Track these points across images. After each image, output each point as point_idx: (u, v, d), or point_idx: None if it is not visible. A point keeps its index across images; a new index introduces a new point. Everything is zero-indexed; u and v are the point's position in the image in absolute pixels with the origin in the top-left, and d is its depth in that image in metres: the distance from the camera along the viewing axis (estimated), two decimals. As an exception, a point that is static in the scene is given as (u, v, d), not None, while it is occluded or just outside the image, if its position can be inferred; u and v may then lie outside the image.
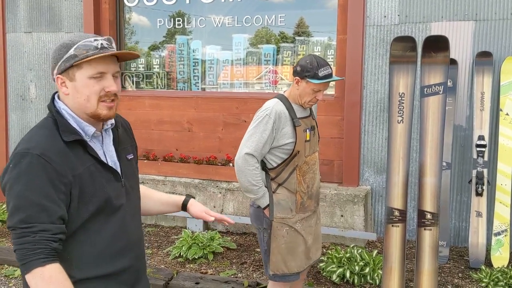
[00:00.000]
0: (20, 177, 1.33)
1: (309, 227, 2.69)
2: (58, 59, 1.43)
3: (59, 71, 1.43)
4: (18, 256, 1.34)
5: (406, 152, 3.30)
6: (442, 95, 3.25)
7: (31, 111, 5.73)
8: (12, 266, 4.00)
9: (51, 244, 1.33)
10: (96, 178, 1.44)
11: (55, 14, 5.51)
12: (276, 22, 5.00)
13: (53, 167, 1.35)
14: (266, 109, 2.57)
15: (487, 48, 4.10)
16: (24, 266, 1.33)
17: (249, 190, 2.55)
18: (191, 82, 5.43)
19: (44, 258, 1.32)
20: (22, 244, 1.32)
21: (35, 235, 1.31)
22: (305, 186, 2.62)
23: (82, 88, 1.42)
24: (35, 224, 1.32)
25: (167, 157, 5.21)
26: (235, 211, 4.74)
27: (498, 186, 3.96)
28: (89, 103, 1.43)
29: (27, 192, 1.32)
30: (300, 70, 2.57)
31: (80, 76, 1.41)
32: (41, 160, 1.34)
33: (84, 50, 1.40)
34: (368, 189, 4.49)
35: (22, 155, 1.35)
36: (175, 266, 3.96)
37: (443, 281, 3.64)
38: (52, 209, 1.34)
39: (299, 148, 2.56)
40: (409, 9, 4.28)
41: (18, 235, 1.33)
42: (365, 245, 4.29)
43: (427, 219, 3.21)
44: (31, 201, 1.32)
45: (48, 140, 1.39)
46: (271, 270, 2.62)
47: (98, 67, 1.41)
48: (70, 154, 1.40)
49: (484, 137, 3.96)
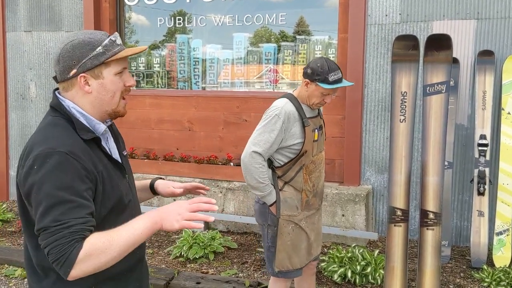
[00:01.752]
0: (49, 177, 1.30)
1: (312, 224, 2.74)
2: (82, 57, 1.41)
3: (83, 70, 1.41)
4: (53, 258, 1.26)
5: (408, 151, 3.29)
6: (444, 94, 3.23)
7: (31, 110, 5.71)
8: (12, 266, 3.99)
9: (85, 233, 1.29)
10: (112, 176, 1.46)
11: (55, 13, 5.49)
12: (277, 21, 4.98)
13: (81, 164, 1.34)
14: (276, 109, 2.55)
15: (489, 47, 4.08)
16: (64, 266, 1.25)
17: (255, 188, 2.55)
18: (192, 81, 5.41)
19: (79, 243, 1.27)
20: (57, 240, 1.26)
21: (69, 228, 1.27)
22: (311, 185, 2.64)
23: (110, 85, 1.45)
24: (69, 220, 1.28)
25: (168, 156, 5.19)
26: (235, 211, 4.73)
27: (500, 185, 3.95)
28: (113, 100, 1.47)
29: (58, 190, 1.29)
30: (311, 73, 2.56)
31: (107, 73, 1.44)
32: (69, 158, 1.33)
33: (111, 47, 1.43)
34: (369, 188, 4.47)
35: (47, 155, 1.32)
36: (176, 265, 3.94)
37: (445, 281, 3.63)
38: (84, 205, 1.31)
39: (307, 148, 2.57)
40: (410, 8, 4.26)
41: (50, 233, 1.27)
42: (366, 245, 4.28)
43: (429, 219, 3.20)
44: (63, 199, 1.29)
45: (70, 138, 1.38)
46: (276, 267, 2.65)
47: (122, 63, 1.46)
48: (90, 152, 1.40)
49: (486, 136, 3.95)
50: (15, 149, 5.82)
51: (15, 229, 4.77)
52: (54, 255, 1.26)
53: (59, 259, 1.25)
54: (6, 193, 5.87)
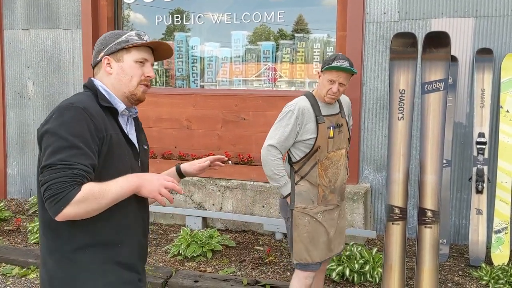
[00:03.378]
0: (64, 124, 1.45)
1: (331, 220, 2.78)
2: (109, 43, 1.65)
3: (108, 53, 1.64)
4: (52, 192, 1.37)
5: (407, 149, 3.28)
6: (443, 92, 3.23)
7: (29, 109, 5.69)
8: (10, 265, 3.98)
9: (85, 180, 1.42)
10: (122, 145, 1.60)
11: (52, 11, 5.47)
12: (275, 19, 4.98)
13: (93, 121, 1.49)
14: (291, 105, 2.70)
15: (488, 44, 4.08)
16: (61, 201, 1.37)
17: (272, 179, 2.71)
18: (190, 79, 5.40)
19: (79, 186, 1.40)
20: (60, 177, 1.38)
21: (73, 170, 1.39)
22: (327, 181, 2.72)
23: (129, 69, 1.64)
24: (75, 163, 1.41)
25: (166, 154, 5.18)
26: (233, 209, 4.72)
27: (498, 183, 3.95)
28: (130, 83, 1.64)
29: (70, 136, 1.43)
30: (322, 64, 2.74)
31: (128, 58, 1.64)
32: (83, 112, 1.48)
33: (135, 38, 1.65)
34: (367, 186, 4.47)
35: (66, 107, 1.49)
36: (173, 264, 3.93)
37: (443, 279, 3.63)
38: (89, 155, 1.45)
39: (320, 143, 2.66)
40: (409, 6, 4.25)
41: (56, 170, 1.39)
42: (364, 243, 4.27)
43: (427, 217, 3.19)
44: (74, 144, 1.43)
45: (89, 100, 1.56)
46: (294, 259, 2.75)
47: (143, 54, 1.66)
48: (105, 117, 1.56)
49: (484, 134, 3.95)
50: (12, 148, 5.80)
51: (13, 228, 4.76)
52: (53, 190, 1.37)
53: (57, 195, 1.37)
54: (4, 192, 5.86)
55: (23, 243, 4.41)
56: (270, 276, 3.70)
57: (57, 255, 1.54)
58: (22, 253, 4.08)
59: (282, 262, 3.95)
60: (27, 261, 3.93)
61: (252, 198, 4.68)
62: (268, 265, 3.89)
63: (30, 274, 3.84)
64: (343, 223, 2.92)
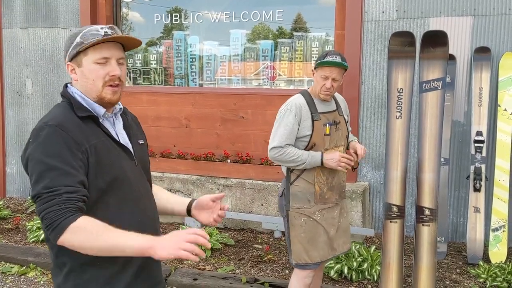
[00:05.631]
0: (39, 147, 1.41)
1: (331, 218, 2.76)
2: (68, 48, 1.54)
3: (69, 59, 1.54)
4: (46, 223, 1.35)
5: (405, 148, 3.29)
6: (441, 91, 3.23)
7: (28, 107, 5.69)
8: (9, 263, 3.98)
9: (78, 203, 1.37)
10: (111, 151, 1.52)
11: (51, 10, 5.47)
12: (274, 18, 4.98)
13: (70, 136, 1.43)
14: (288, 104, 2.71)
15: (486, 43, 4.09)
16: (55, 231, 1.34)
17: (297, 165, 2.65)
18: (189, 78, 5.40)
19: (73, 214, 1.35)
20: (50, 207, 1.35)
21: (60, 196, 1.35)
22: (324, 178, 2.71)
23: (89, 73, 1.51)
24: (59, 187, 1.36)
25: (165, 153, 5.19)
26: (232, 207, 4.73)
27: (496, 181, 3.96)
28: (95, 87, 1.52)
29: (47, 158, 1.39)
30: (315, 61, 2.75)
31: (86, 61, 1.51)
32: (58, 130, 1.42)
33: (90, 37, 1.49)
34: (366, 185, 4.48)
35: (40, 128, 1.44)
36: (172, 262, 3.94)
37: (441, 277, 3.64)
38: (71, 173, 1.39)
39: (316, 141, 2.66)
40: (407, 5, 4.26)
41: (43, 200, 1.36)
42: (363, 241, 4.28)
43: (425, 215, 3.20)
44: (51, 166, 1.38)
45: (64, 114, 1.49)
46: (293, 260, 2.73)
47: (103, 52, 1.51)
48: (85, 127, 1.49)
49: (482, 133, 3.96)
50: (11, 146, 5.81)
51: (12, 226, 4.77)
52: (48, 220, 1.35)
53: (51, 224, 1.34)
54: (3, 191, 5.86)
55: (22, 241, 4.42)
56: (269, 274, 3.72)
57: (65, 269, 1.51)
58: (22, 251, 4.09)
59: (280, 260, 3.96)
60: (26, 259, 3.94)
61: (250, 197, 4.69)
62: (267, 263, 3.91)
63: (29, 272, 3.85)
64: (345, 222, 2.89)
